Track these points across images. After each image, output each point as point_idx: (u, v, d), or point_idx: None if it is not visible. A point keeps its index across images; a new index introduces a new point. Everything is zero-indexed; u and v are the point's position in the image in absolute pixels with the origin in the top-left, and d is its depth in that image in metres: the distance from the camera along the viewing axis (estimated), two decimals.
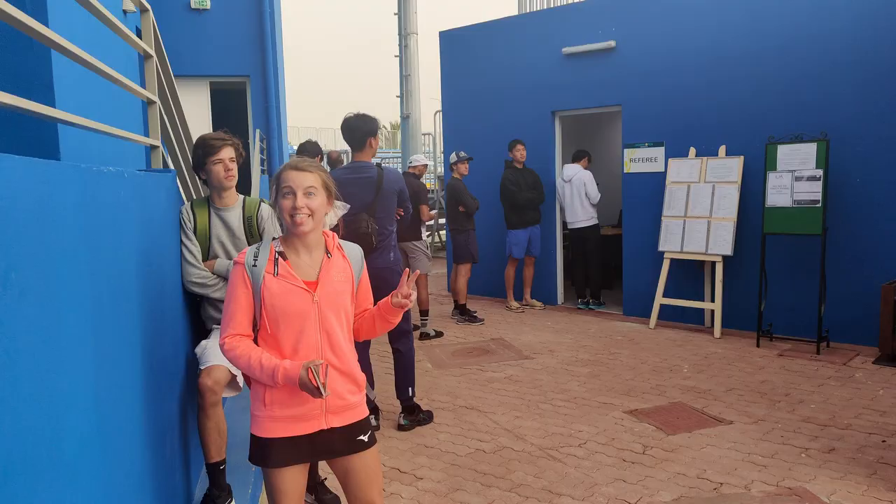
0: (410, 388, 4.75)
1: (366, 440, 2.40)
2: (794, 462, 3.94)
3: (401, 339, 4.71)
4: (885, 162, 6.07)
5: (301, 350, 2.27)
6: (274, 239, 2.37)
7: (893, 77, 6.02)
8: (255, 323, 2.32)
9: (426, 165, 8.34)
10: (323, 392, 2.14)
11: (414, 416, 4.72)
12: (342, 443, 2.36)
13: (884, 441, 4.20)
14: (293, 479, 2.33)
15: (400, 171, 6.48)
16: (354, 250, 2.47)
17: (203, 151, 3.19)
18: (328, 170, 2.85)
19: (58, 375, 1.56)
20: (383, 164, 4.69)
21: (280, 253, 2.31)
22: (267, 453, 2.29)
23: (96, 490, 1.80)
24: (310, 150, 5.51)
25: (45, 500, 1.45)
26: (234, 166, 3.24)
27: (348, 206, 2.70)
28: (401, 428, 4.65)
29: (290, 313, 2.25)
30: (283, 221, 2.29)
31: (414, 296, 2.37)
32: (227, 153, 3.21)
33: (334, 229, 3.70)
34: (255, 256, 2.29)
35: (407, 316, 4.70)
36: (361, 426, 2.40)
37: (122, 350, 2.15)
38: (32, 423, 1.41)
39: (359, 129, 4.42)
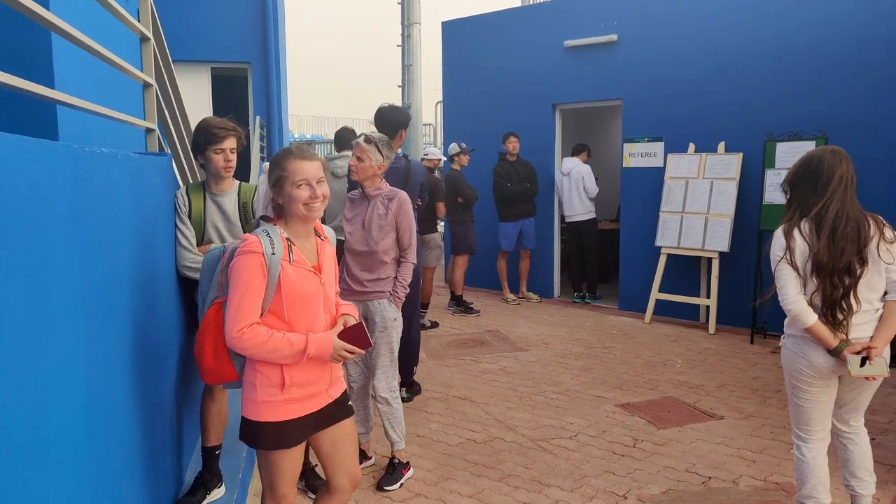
0: (414, 367, 4.98)
1: (350, 404, 2.60)
2: (782, 458, 3.96)
3: (411, 319, 4.81)
4: (882, 161, 6.07)
5: (313, 331, 2.36)
6: (266, 222, 2.40)
7: (892, 77, 6.01)
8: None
9: (441, 159, 8.26)
10: (371, 342, 2.42)
11: (413, 389, 4.98)
12: (339, 409, 2.51)
13: (873, 439, 4.21)
14: (298, 457, 2.45)
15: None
16: (331, 232, 2.61)
17: (205, 138, 3.15)
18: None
19: (45, 354, 1.57)
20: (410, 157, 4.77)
21: (288, 239, 2.36)
22: (285, 436, 2.36)
23: (84, 470, 1.81)
24: (346, 136, 5.62)
25: (29, 479, 1.46)
26: (234, 157, 3.23)
27: None
28: (402, 401, 4.78)
29: (305, 298, 2.34)
30: (294, 209, 2.33)
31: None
32: (230, 143, 3.18)
33: None
34: (272, 245, 2.29)
35: (415, 299, 4.74)
36: (345, 393, 2.60)
37: (113, 332, 2.15)
38: (18, 401, 1.41)
39: (392, 120, 4.57)
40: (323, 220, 2.78)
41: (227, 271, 2.34)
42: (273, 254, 2.27)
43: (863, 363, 2.75)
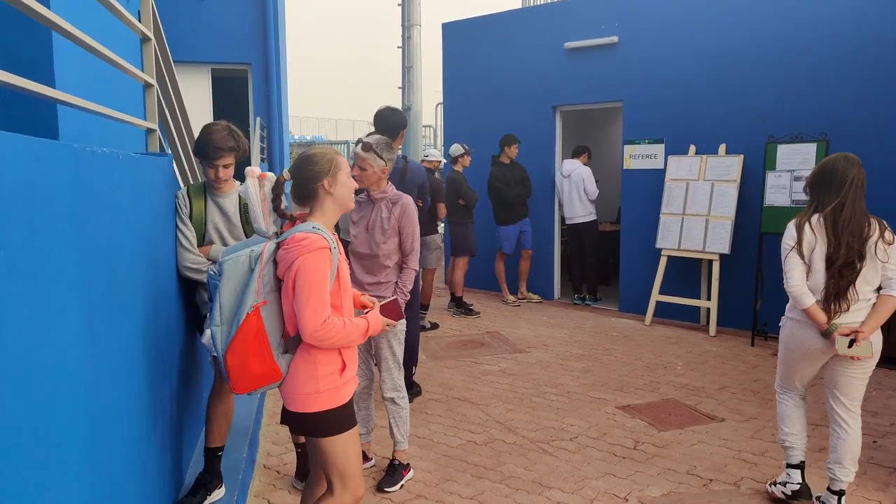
0: (413, 367, 4.94)
1: None
2: (784, 460, 3.94)
3: (410, 320, 4.79)
4: (884, 164, 6.06)
5: (351, 314, 2.53)
6: (295, 218, 2.46)
7: (894, 79, 6.00)
8: None
9: (441, 161, 8.27)
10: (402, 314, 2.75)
11: (413, 391, 4.95)
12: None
13: (874, 441, 4.22)
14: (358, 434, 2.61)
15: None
16: None
17: (202, 151, 3.13)
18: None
19: (45, 354, 1.56)
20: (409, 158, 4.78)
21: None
22: (348, 416, 2.50)
23: (84, 471, 1.80)
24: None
25: (30, 479, 1.45)
26: (228, 171, 3.20)
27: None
28: None
29: (349, 285, 2.52)
30: (346, 198, 2.50)
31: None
32: (225, 161, 3.16)
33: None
34: (331, 240, 2.38)
35: (414, 301, 4.72)
36: None
37: (114, 332, 2.14)
38: (18, 402, 1.41)
39: (393, 122, 4.67)
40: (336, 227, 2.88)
41: (266, 273, 2.35)
42: (333, 247, 2.37)
43: (851, 345, 3.15)
